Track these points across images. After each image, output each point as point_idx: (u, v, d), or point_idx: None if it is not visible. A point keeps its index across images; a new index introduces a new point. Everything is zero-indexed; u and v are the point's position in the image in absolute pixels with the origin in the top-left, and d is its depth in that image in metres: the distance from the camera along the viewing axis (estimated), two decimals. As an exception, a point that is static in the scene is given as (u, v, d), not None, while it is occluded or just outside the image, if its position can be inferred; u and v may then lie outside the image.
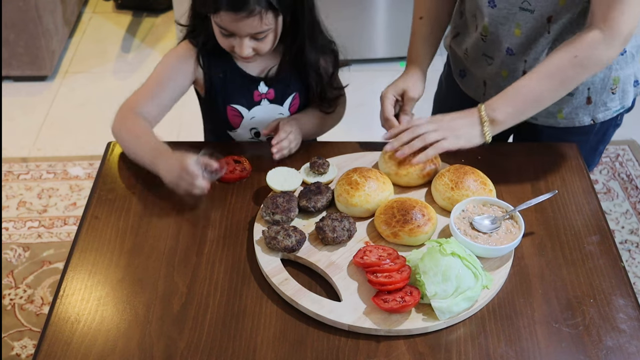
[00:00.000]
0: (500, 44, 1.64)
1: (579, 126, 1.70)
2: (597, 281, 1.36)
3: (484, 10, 1.61)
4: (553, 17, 1.55)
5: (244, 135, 1.74)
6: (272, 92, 1.70)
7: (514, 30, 1.60)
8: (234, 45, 1.55)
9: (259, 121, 1.72)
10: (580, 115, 1.68)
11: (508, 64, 1.66)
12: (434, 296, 1.27)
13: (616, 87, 1.65)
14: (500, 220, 1.42)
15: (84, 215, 1.51)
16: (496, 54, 1.67)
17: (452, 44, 1.83)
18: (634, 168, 3.01)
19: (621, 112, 1.71)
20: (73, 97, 3.48)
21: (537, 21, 1.56)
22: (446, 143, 1.49)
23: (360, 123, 1.77)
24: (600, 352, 1.24)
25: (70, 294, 1.34)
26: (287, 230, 1.38)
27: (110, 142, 1.70)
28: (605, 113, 1.68)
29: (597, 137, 1.75)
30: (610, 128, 1.75)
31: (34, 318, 2.38)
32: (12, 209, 2.80)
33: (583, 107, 1.67)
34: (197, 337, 1.26)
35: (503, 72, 1.68)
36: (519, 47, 1.62)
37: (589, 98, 1.65)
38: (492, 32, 1.63)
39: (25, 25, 3.34)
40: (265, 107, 1.71)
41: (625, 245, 2.66)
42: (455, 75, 1.85)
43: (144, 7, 4.11)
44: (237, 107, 1.70)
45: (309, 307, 1.28)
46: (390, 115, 1.64)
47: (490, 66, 1.70)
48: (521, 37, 1.60)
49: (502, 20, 1.60)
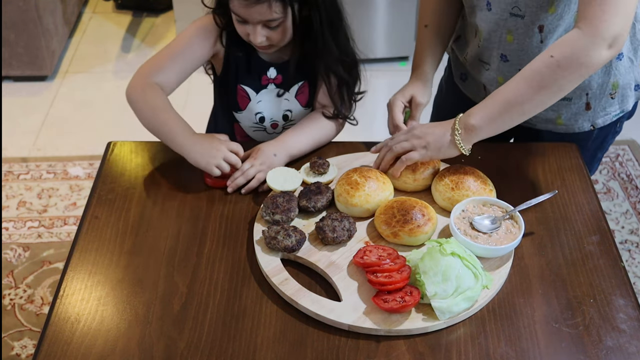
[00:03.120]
0: (494, 50, 1.63)
1: (578, 132, 1.69)
2: (597, 281, 1.36)
3: (480, 13, 1.61)
4: (545, 26, 1.53)
5: (249, 118, 1.75)
6: (279, 77, 1.71)
7: (505, 36, 1.59)
8: (249, 32, 1.57)
9: (264, 105, 1.73)
10: (579, 121, 1.67)
11: (504, 71, 1.64)
12: (434, 296, 1.27)
13: (615, 92, 1.63)
14: (500, 220, 1.42)
15: (84, 215, 1.51)
16: (492, 59, 1.66)
17: (453, 47, 1.83)
18: (634, 168, 3.01)
19: (621, 116, 1.70)
20: (73, 97, 3.48)
21: (529, 28, 1.54)
22: (415, 154, 1.49)
23: (361, 123, 1.77)
24: (600, 352, 1.24)
25: (70, 294, 1.34)
26: (287, 230, 1.38)
27: (110, 142, 1.70)
28: (605, 118, 1.67)
29: (596, 143, 1.73)
30: (610, 135, 1.73)
31: (34, 318, 2.38)
32: (12, 209, 2.80)
33: (582, 113, 1.65)
34: (197, 337, 1.26)
35: (499, 79, 1.66)
36: (513, 54, 1.61)
37: (588, 104, 1.64)
38: (486, 38, 1.63)
39: (25, 25, 3.34)
40: (271, 91, 1.72)
41: (625, 245, 2.66)
42: (457, 78, 1.85)
43: (144, 7, 4.11)
44: (245, 88, 1.71)
45: (309, 307, 1.28)
46: (400, 122, 1.63)
47: (487, 71, 1.69)
48: (514, 44, 1.59)
49: (494, 27, 1.59)
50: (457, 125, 1.46)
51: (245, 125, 1.78)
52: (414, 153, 1.49)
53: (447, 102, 1.88)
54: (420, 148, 1.49)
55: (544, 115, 1.66)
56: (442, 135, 1.47)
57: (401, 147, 1.50)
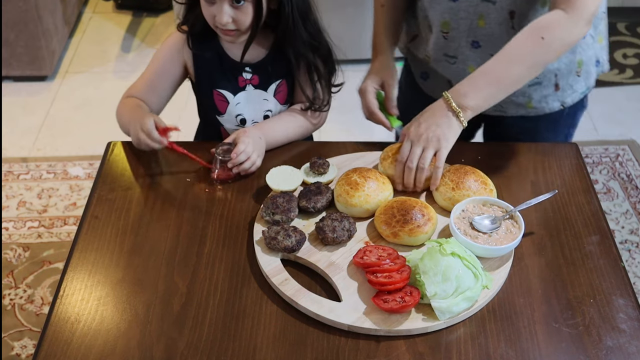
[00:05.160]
0: (462, 39, 1.64)
1: (549, 113, 1.72)
2: (597, 281, 1.36)
3: (443, 5, 1.61)
4: (515, 12, 1.56)
5: (230, 121, 1.76)
6: (256, 78, 1.72)
7: (477, 22, 1.60)
8: (215, 14, 1.58)
9: (244, 107, 1.74)
10: (550, 102, 1.71)
11: (475, 59, 1.65)
12: (434, 296, 1.27)
13: (580, 69, 1.68)
14: (500, 220, 1.42)
15: (84, 215, 1.51)
16: (459, 50, 1.66)
17: (410, 47, 1.82)
18: (634, 168, 3.01)
19: (586, 93, 1.75)
20: (73, 97, 3.48)
21: (500, 14, 1.57)
22: (442, 153, 1.49)
23: (360, 123, 1.77)
24: (600, 352, 1.24)
25: (70, 294, 1.34)
26: (287, 230, 1.38)
27: (110, 142, 1.70)
28: (573, 96, 1.71)
29: (568, 121, 1.78)
30: (578, 111, 1.78)
31: (34, 318, 2.38)
32: (12, 209, 2.80)
33: (552, 94, 1.69)
34: (197, 337, 1.26)
35: (470, 68, 1.67)
36: (485, 39, 1.62)
37: (557, 84, 1.68)
38: (454, 27, 1.63)
39: (25, 25, 3.34)
40: (249, 92, 1.73)
41: (625, 245, 2.66)
42: (417, 78, 1.84)
43: (144, 7, 4.11)
44: (222, 92, 1.72)
45: (308, 307, 1.28)
46: (375, 108, 1.66)
47: (454, 65, 1.70)
48: (486, 28, 1.60)
49: (463, 15, 1.60)
50: (455, 107, 1.48)
51: (229, 128, 1.78)
52: (441, 152, 1.48)
53: (411, 103, 1.80)
54: (444, 145, 1.48)
55: (515, 101, 1.69)
56: (450, 124, 1.48)
57: (416, 157, 1.49)
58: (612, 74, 3.57)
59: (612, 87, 3.49)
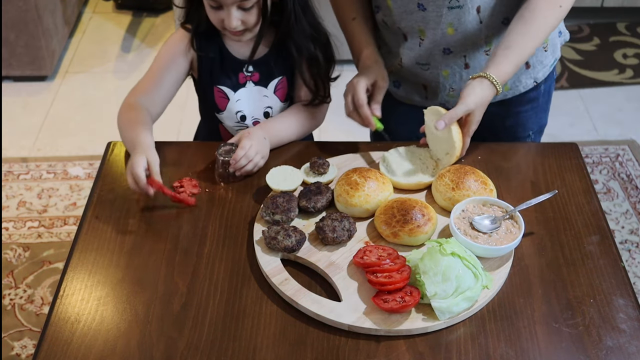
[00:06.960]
0: (435, 48, 1.66)
1: (524, 92, 1.75)
2: (597, 281, 1.36)
3: (412, 16, 1.62)
4: (481, 6, 1.59)
5: (230, 118, 1.76)
6: (257, 74, 1.72)
7: (446, 30, 1.62)
8: (223, 18, 1.58)
9: (244, 104, 1.74)
10: (523, 81, 1.74)
11: (448, 63, 1.69)
12: (434, 296, 1.27)
13: (547, 44, 1.72)
14: (500, 220, 1.42)
15: (84, 215, 1.51)
16: (432, 57, 1.68)
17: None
18: (634, 168, 3.01)
19: (555, 64, 1.79)
20: (73, 97, 3.48)
21: (468, 15, 1.59)
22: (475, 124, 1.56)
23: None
24: (600, 352, 1.24)
25: (70, 294, 1.34)
26: (287, 230, 1.38)
27: (110, 142, 1.70)
28: (544, 71, 1.75)
29: (545, 97, 1.82)
30: (551, 83, 1.83)
31: (34, 318, 2.38)
32: (12, 209, 2.80)
33: (524, 72, 1.73)
34: (197, 337, 1.26)
35: (444, 72, 1.70)
36: (455, 45, 1.65)
37: (527, 63, 1.71)
38: (428, 36, 1.65)
39: (25, 25, 3.34)
40: (250, 89, 1.73)
41: (625, 245, 2.66)
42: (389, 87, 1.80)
43: (144, 7, 4.11)
44: (223, 89, 1.72)
45: (309, 307, 1.28)
46: (365, 103, 1.62)
47: (428, 71, 1.71)
48: (456, 35, 1.63)
49: (433, 25, 1.62)
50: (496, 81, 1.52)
51: (228, 126, 1.78)
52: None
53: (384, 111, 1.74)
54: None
55: None
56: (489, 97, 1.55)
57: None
58: (612, 74, 3.56)
59: (612, 87, 3.49)
